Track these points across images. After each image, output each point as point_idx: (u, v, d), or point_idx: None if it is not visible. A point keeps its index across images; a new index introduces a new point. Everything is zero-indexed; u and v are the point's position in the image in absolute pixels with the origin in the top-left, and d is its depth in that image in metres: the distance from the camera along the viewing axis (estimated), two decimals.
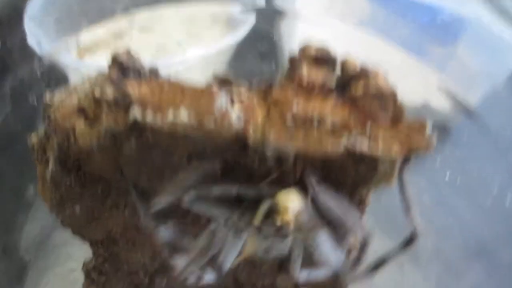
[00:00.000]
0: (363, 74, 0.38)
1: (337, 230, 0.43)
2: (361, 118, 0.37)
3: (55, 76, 0.84)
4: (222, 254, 0.43)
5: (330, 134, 0.37)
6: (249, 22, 0.98)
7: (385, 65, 0.38)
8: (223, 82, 0.39)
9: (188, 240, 0.44)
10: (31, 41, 0.87)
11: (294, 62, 0.39)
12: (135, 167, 0.41)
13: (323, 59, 0.38)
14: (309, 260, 0.44)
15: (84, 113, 0.41)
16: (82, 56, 0.98)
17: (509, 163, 0.65)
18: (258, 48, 0.97)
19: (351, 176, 0.39)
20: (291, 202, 0.37)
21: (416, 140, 0.38)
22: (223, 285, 0.67)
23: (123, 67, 0.39)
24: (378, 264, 0.41)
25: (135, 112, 0.36)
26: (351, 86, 0.37)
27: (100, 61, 0.45)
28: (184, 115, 0.35)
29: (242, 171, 0.41)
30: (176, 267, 0.42)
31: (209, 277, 0.42)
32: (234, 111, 0.36)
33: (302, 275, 0.49)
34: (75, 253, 0.62)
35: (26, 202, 0.74)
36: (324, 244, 0.43)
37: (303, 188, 0.39)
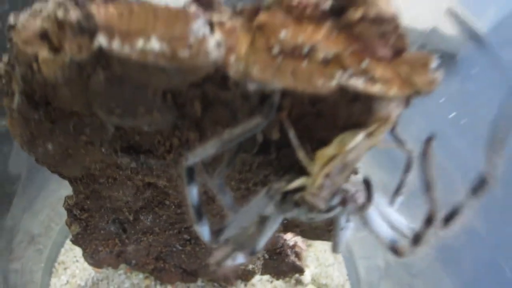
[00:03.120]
0: None
1: None
2: (357, 50, 0.33)
3: None
4: (258, 235, 0.40)
5: (321, 68, 0.33)
6: None
7: None
8: (203, 3, 0.34)
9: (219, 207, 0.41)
10: None
11: None
12: (105, 103, 0.37)
13: None
14: None
15: (47, 39, 0.36)
16: None
17: None
18: None
19: (343, 118, 0.35)
20: None
21: (418, 78, 0.33)
22: None
23: None
24: (452, 216, 0.36)
25: (101, 39, 0.32)
26: (348, 10, 0.32)
27: None
28: (155, 43, 0.31)
29: (223, 109, 0.37)
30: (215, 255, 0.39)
31: (240, 258, 0.39)
32: (213, 37, 0.32)
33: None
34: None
35: None
36: (374, 220, 0.40)
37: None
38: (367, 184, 0.37)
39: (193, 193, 0.36)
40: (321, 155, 0.35)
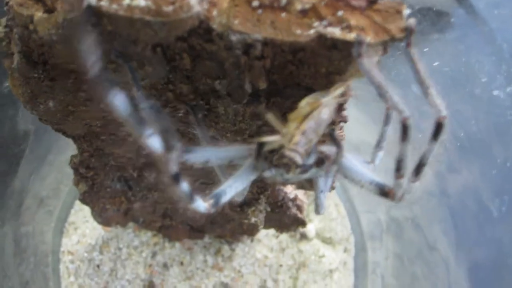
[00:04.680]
0: None
1: None
2: (332, 0, 0.35)
3: None
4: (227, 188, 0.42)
5: (299, 18, 0.35)
6: None
7: None
8: None
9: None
10: None
11: None
12: None
13: None
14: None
15: (41, 1, 0.39)
16: None
17: (497, 47, 0.61)
18: None
19: (324, 65, 0.37)
20: None
21: (392, 25, 0.35)
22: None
23: None
24: (420, 167, 0.38)
25: None
26: None
27: None
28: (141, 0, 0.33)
29: (210, 61, 0.39)
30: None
31: (201, 206, 0.40)
32: None
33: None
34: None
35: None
36: (352, 169, 0.42)
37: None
38: (333, 136, 0.39)
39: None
40: (294, 116, 0.37)
